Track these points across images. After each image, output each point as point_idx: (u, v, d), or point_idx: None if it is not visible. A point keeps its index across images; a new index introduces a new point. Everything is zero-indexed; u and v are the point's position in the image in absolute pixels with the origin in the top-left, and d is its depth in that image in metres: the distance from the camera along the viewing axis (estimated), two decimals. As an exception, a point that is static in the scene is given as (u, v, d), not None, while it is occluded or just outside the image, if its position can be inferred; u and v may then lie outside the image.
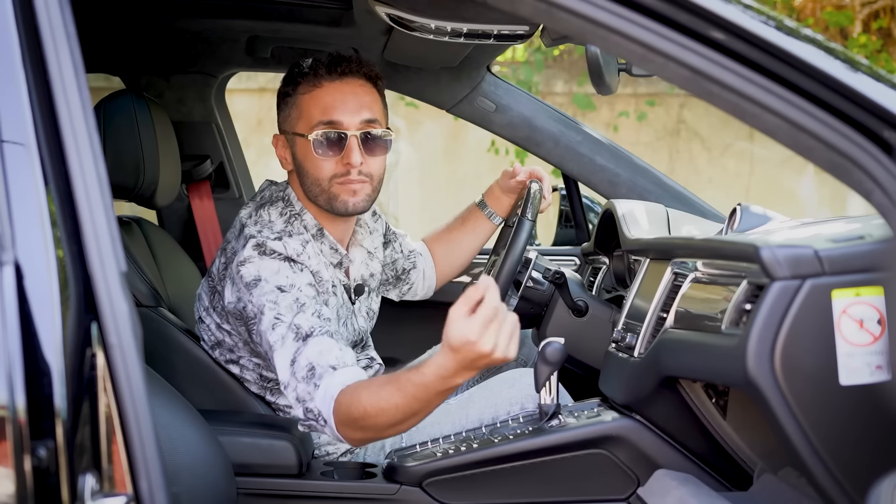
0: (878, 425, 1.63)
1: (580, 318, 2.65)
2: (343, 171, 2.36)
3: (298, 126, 2.39)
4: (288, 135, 2.43)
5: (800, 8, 7.99)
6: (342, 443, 2.29)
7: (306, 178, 2.40)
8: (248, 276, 2.28)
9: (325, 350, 2.16)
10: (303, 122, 2.38)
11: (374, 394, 2.03)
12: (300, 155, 2.40)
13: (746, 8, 1.48)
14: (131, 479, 1.32)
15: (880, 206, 1.42)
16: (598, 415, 2.34)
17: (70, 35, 1.39)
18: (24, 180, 1.35)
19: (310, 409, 2.14)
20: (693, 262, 2.11)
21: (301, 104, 2.39)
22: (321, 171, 2.37)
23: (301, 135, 2.38)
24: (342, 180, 2.37)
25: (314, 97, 2.37)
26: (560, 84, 7.90)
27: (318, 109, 2.36)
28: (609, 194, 3.09)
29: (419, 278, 2.90)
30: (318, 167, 2.37)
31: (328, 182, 2.37)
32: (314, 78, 2.38)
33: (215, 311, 2.41)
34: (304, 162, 2.39)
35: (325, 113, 2.36)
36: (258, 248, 2.30)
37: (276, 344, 2.20)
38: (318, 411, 2.12)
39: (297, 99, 2.40)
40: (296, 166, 2.42)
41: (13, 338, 1.29)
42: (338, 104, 2.37)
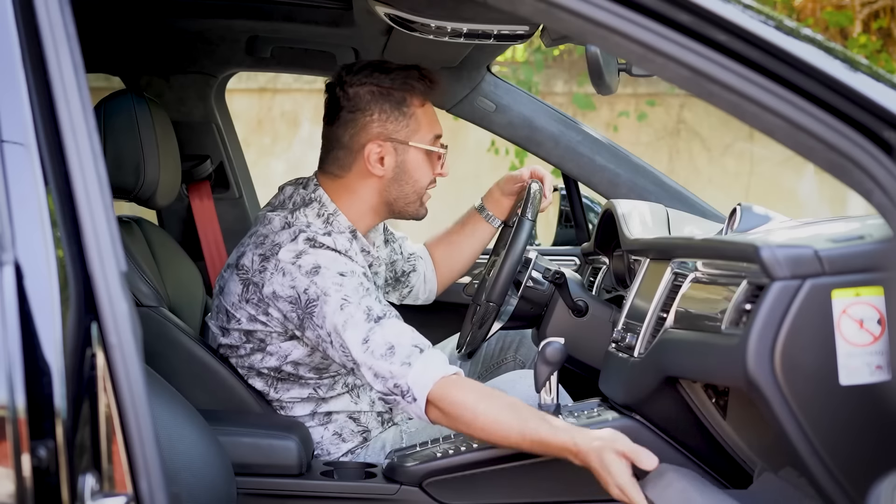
0: (878, 425, 1.63)
1: (580, 318, 2.65)
2: (433, 180, 2.55)
3: (416, 137, 2.49)
4: (400, 144, 2.48)
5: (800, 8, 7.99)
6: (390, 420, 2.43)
7: (409, 185, 2.51)
8: (306, 266, 2.32)
9: (401, 332, 2.28)
10: (420, 134, 2.50)
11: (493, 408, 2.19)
12: (411, 163, 2.49)
13: (746, 8, 1.48)
14: (131, 479, 1.32)
15: (880, 206, 1.42)
16: (598, 415, 2.34)
17: (70, 35, 1.39)
18: (24, 180, 1.35)
19: (397, 384, 2.23)
20: (693, 262, 2.11)
21: (418, 117, 2.50)
22: (426, 180, 2.53)
23: (426, 147, 2.50)
24: (430, 188, 2.55)
25: (426, 112, 2.52)
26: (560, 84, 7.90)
27: (430, 124, 2.52)
28: (609, 194, 3.09)
29: (419, 281, 2.90)
30: (427, 175, 2.52)
31: (424, 190, 2.54)
32: (421, 93, 2.50)
33: (249, 303, 2.39)
34: (414, 170, 2.50)
35: (433, 127, 2.54)
36: (309, 241, 2.35)
37: (346, 323, 2.26)
38: (409, 388, 2.23)
39: (413, 111, 2.49)
40: (397, 174, 2.49)
41: (13, 338, 1.29)
42: (437, 120, 2.56)
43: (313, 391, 2.48)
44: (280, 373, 2.45)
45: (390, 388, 2.24)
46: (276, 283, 2.33)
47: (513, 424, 2.16)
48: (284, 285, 2.33)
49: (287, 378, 2.47)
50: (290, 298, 2.32)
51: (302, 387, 2.48)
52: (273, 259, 2.35)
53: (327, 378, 2.48)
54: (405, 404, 2.25)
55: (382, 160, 2.47)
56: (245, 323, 2.42)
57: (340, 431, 2.50)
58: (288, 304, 2.33)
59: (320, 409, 2.50)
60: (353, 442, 2.51)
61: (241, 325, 2.43)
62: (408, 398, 2.23)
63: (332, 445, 2.50)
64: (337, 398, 2.51)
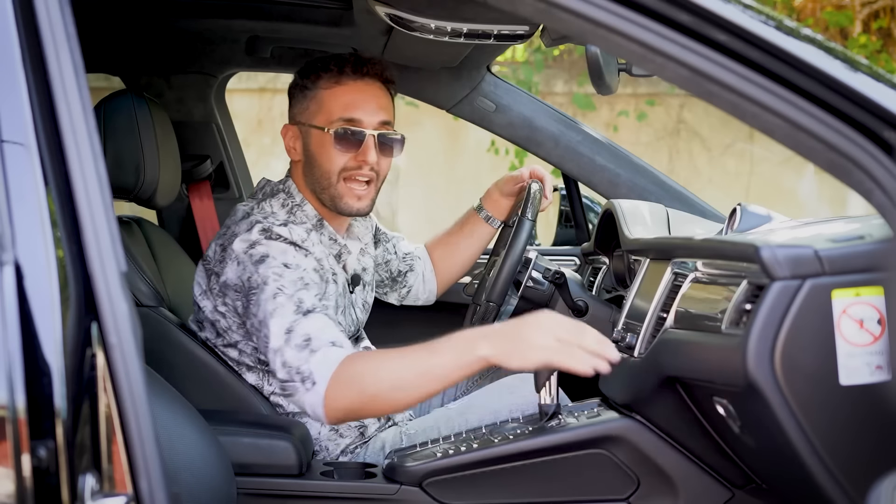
0: (878, 425, 1.63)
1: (580, 318, 2.65)
2: (354, 167, 2.43)
3: (317, 119, 2.45)
4: (303, 126, 2.48)
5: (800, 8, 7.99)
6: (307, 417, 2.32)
7: (317, 169, 2.45)
8: (256, 255, 2.31)
9: (324, 327, 2.20)
10: (322, 115, 2.44)
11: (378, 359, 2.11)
12: (314, 147, 2.45)
13: (746, 8, 1.48)
14: (131, 479, 1.32)
15: (880, 206, 1.42)
16: (598, 415, 2.34)
17: (70, 35, 1.39)
18: (24, 180, 1.35)
19: (299, 370, 2.14)
20: (693, 262, 2.11)
21: (321, 98, 2.45)
22: (333, 165, 2.43)
23: (319, 128, 2.44)
24: (350, 174, 2.43)
25: (335, 93, 2.44)
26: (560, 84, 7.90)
27: (338, 105, 2.43)
28: (609, 194, 3.09)
29: (418, 281, 2.90)
30: (332, 160, 2.43)
31: (337, 176, 2.43)
32: (337, 75, 2.44)
33: (212, 293, 2.42)
34: (318, 154, 2.45)
35: (346, 110, 2.43)
36: (264, 232, 2.34)
37: (275, 312, 2.23)
38: (310, 373, 2.12)
39: (316, 93, 2.46)
40: (306, 157, 2.48)
41: (13, 338, 1.29)
42: (359, 103, 2.44)
43: None
44: (266, 364, 2.46)
45: (291, 375, 2.15)
46: (230, 272, 2.35)
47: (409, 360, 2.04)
48: (235, 275, 2.34)
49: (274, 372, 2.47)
50: (237, 287, 2.34)
51: None
52: (229, 248, 2.37)
53: None
54: (302, 392, 2.13)
55: (295, 145, 2.50)
56: (209, 313, 2.45)
57: (337, 427, 2.51)
58: (235, 293, 2.35)
59: None
60: (349, 437, 2.51)
61: (206, 316, 2.46)
62: (307, 384, 2.12)
63: (329, 441, 2.50)
64: None
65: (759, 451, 1.96)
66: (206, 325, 2.48)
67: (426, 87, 3.21)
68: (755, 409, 1.76)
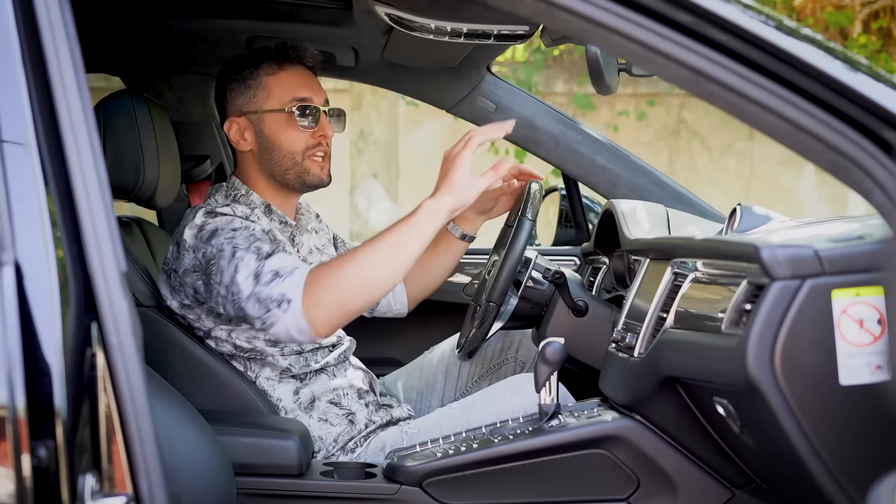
0: (878, 425, 1.63)
1: (580, 318, 2.65)
2: (314, 143, 2.54)
3: (268, 104, 2.54)
4: (253, 114, 2.55)
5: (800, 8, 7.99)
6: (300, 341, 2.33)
7: (277, 153, 2.54)
8: (205, 234, 2.38)
9: (289, 260, 2.29)
10: (273, 99, 2.54)
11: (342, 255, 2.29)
12: (270, 131, 2.54)
13: (746, 8, 1.48)
14: (131, 479, 1.32)
15: (880, 206, 1.42)
16: (598, 415, 2.34)
17: (70, 35, 1.39)
18: (24, 180, 1.35)
19: (273, 298, 2.24)
20: (693, 262, 2.11)
21: (268, 84, 2.55)
22: (296, 144, 2.54)
23: (277, 110, 2.52)
24: (313, 152, 2.54)
25: (280, 78, 2.55)
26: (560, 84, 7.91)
27: (287, 88, 2.54)
28: (609, 194, 3.09)
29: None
30: (294, 140, 2.53)
31: (301, 155, 2.53)
32: (275, 62, 2.56)
33: (175, 292, 2.47)
34: (277, 137, 2.54)
35: (295, 91, 2.54)
36: (208, 214, 2.42)
37: (238, 267, 2.29)
38: (281, 295, 2.23)
39: (261, 80, 2.55)
40: (261, 145, 2.55)
41: (13, 338, 1.29)
42: (304, 84, 2.56)
43: (287, 368, 2.52)
44: (244, 352, 2.49)
45: (268, 306, 2.24)
46: (186, 261, 2.40)
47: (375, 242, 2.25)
48: (191, 259, 2.39)
49: (254, 359, 2.51)
50: (195, 267, 2.38)
51: (273, 367, 2.51)
52: (181, 242, 2.43)
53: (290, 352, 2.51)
54: (281, 316, 2.23)
55: (244, 135, 2.56)
56: (179, 311, 2.48)
57: (325, 416, 2.52)
58: (194, 275, 2.39)
59: (302, 394, 2.52)
60: (340, 426, 2.53)
61: (179, 316, 2.49)
62: (283, 306, 2.23)
63: (321, 430, 2.51)
64: (314, 376, 2.54)
65: (759, 451, 1.96)
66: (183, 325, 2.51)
67: (426, 87, 3.21)
68: (755, 409, 1.76)
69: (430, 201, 2.27)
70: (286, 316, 2.22)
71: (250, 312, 2.27)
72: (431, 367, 2.88)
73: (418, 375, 2.89)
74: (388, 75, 3.21)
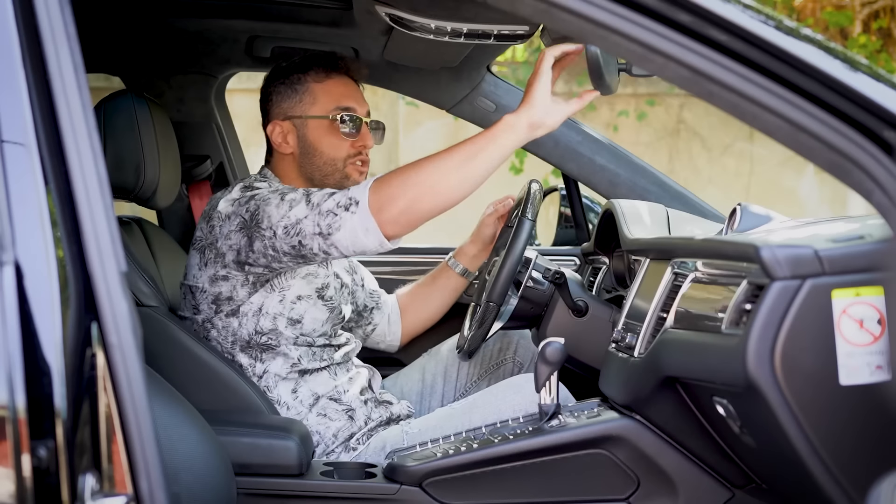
0: (878, 425, 1.63)
1: (580, 318, 2.65)
2: (355, 153, 2.59)
3: (313, 110, 2.59)
4: (297, 119, 2.59)
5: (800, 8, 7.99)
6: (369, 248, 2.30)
7: (318, 158, 2.58)
8: (244, 199, 2.41)
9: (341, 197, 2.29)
10: (318, 106, 2.59)
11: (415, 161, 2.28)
12: (313, 137, 2.58)
13: (746, 8, 1.48)
14: (131, 479, 1.32)
15: (880, 206, 1.42)
16: (598, 415, 2.34)
17: (70, 35, 1.39)
18: (24, 180, 1.35)
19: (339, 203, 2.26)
20: (693, 262, 2.11)
21: (314, 91, 2.60)
22: (338, 152, 2.58)
23: (321, 117, 2.57)
24: (353, 160, 2.58)
25: (327, 86, 2.60)
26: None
27: (332, 97, 2.60)
28: (609, 194, 3.09)
29: (384, 322, 2.94)
30: (336, 147, 2.58)
31: (343, 162, 2.58)
32: (326, 69, 2.60)
33: (209, 265, 2.47)
34: (319, 143, 2.58)
35: (340, 100, 2.59)
36: (245, 188, 2.47)
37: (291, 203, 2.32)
38: (348, 198, 2.26)
39: (308, 86, 2.60)
40: (303, 148, 2.59)
41: (13, 338, 1.29)
42: (350, 93, 2.62)
43: (297, 361, 2.52)
44: (261, 337, 2.49)
45: (333, 213, 2.26)
46: (226, 229, 2.42)
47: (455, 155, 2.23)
48: (232, 224, 2.41)
49: (267, 347, 2.50)
50: (239, 226, 2.40)
51: (285, 357, 2.51)
52: (216, 216, 2.45)
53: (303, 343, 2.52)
54: (349, 218, 2.24)
55: (287, 138, 2.60)
56: (209, 287, 2.48)
57: (324, 412, 2.53)
58: (238, 234, 2.40)
59: (301, 392, 2.52)
60: (339, 421, 2.53)
61: (206, 293, 2.49)
62: (351, 209, 2.25)
63: (319, 426, 2.52)
64: (316, 374, 2.54)
65: (759, 451, 1.96)
66: (202, 307, 2.51)
67: (426, 87, 3.20)
68: (755, 409, 1.76)
69: (509, 116, 2.23)
70: (354, 217, 2.25)
71: (309, 230, 2.28)
72: (431, 369, 2.89)
73: (418, 377, 2.89)
74: (388, 75, 3.21)
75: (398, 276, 3.27)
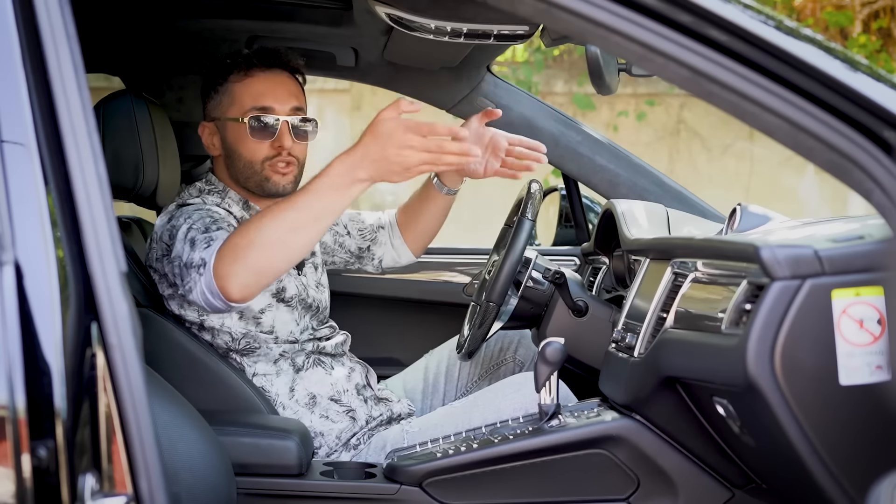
0: (878, 425, 1.63)
1: (580, 318, 2.65)
2: (274, 154, 2.51)
3: (231, 111, 2.54)
4: (219, 121, 2.56)
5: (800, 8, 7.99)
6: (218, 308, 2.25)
7: (238, 161, 2.54)
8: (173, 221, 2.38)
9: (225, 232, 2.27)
10: (235, 107, 2.53)
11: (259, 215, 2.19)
12: (231, 139, 2.54)
13: (746, 8, 1.48)
14: (131, 479, 1.32)
15: (880, 206, 1.42)
16: (598, 415, 2.34)
17: (70, 35, 1.39)
18: (24, 180, 1.35)
19: (193, 261, 2.23)
20: (693, 262, 2.11)
21: (233, 91, 2.54)
22: (254, 154, 2.52)
23: (234, 119, 2.52)
24: (273, 162, 2.51)
25: (245, 85, 2.53)
26: (560, 84, 7.91)
27: (250, 96, 2.52)
28: (609, 194, 3.09)
29: (387, 250, 2.88)
30: (252, 150, 2.52)
31: (260, 165, 2.52)
32: (245, 68, 2.53)
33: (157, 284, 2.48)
34: (237, 146, 2.53)
35: (257, 99, 2.51)
36: (179, 207, 2.44)
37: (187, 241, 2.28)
38: (201, 259, 2.21)
39: (227, 87, 2.55)
40: (225, 151, 2.56)
41: (13, 338, 1.29)
42: (269, 91, 2.52)
43: (284, 358, 2.53)
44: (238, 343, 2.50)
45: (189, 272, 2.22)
46: (158, 250, 2.42)
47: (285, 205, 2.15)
48: (160, 246, 2.41)
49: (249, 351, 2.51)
50: (164, 252, 2.39)
51: (270, 357, 2.52)
52: (153, 235, 2.46)
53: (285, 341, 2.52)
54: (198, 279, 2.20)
55: (213, 140, 2.58)
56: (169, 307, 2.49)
57: (326, 413, 2.53)
58: (164, 260, 2.40)
59: (298, 390, 2.52)
60: (342, 422, 2.53)
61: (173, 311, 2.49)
62: (200, 270, 2.20)
63: (323, 427, 2.52)
64: (311, 370, 2.55)
65: (759, 451, 1.96)
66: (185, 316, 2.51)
67: (426, 87, 3.20)
68: (755, 409, 1.76)
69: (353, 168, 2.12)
70: (201, 280, 2.20)
71: (184, 280, 2.26)
72: (433, 368, 2.89)
73: (421, 376, 2.89)
74: (388, 75, 3.21)
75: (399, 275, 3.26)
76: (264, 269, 2.16)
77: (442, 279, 3.40)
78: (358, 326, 2.95)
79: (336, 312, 2.79)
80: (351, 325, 2.85)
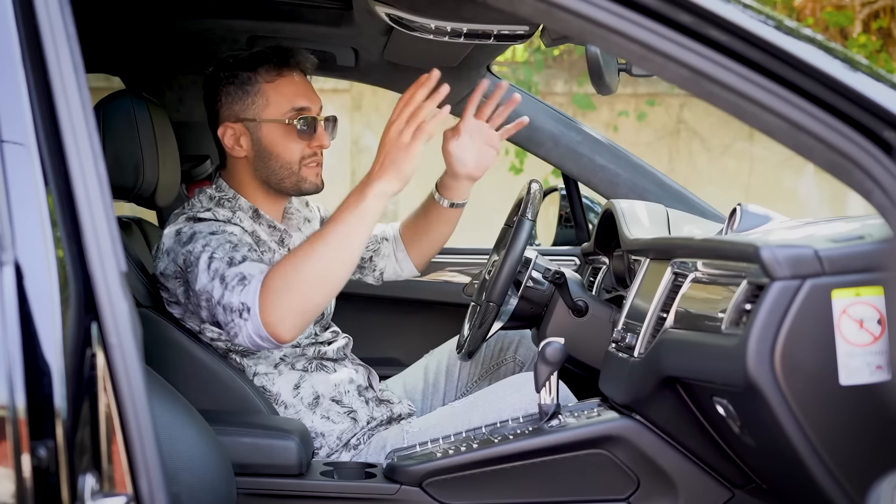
0: (878, 425, 1.63)
1: (580, 318, 2.65)
2: (311, 154, 2.52)
3: (267, 112, 2.51)
4: (250, 122, 2.52)
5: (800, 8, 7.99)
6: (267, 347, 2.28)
7: (274, 161, 2.52)
8: (184, 237, 2.37)
9: (257, 265, 2.26)
10: (272, 108, 2.51)
11: (293, 253, 2.22)
12: (269, 140, 2.51)
13: (746, 8, 1.48)
14: (131, 479, 1.32)
15: (880, 206, 1.42)
16: (598, 415, 2.34)
17: (70, 35, 1.39)
18: (24, 180, 1.35)
19: (232, 305, 2.21)
20: (693, 262, 2.11)
21: (266, 92, 2.51)
22: (293, 154, 2.51)
23: (275, 120, 2.50)
24: (308, 161, 2.52)
25: (279, 86, 2.51)
26: (560, 84, 7.91)
27: (286, 97, 2.51)
28: (609, 194, 3.09)
29: (389, 262, 2.88)
30: (291, 150, 2.51)
31: (298, 164, 2.52)
32: (277, 67, 2.52)
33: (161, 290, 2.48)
34: (275, 147, 2.51)
35: (294, 100, 2.51)
36: (189, 220, 2.41)
37: (211, 273, 2.27)
38: (241, 303, 2.20)
39: (260, 87, 2.51)
40: (257, 152, 2.53)
41: (13, 338, 1.29)
42: (302, 92, 2.53)
43: (282, 358, 2.53)
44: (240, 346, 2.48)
45: (231, 316, 2.22)
46: (165, 265, 2.40)
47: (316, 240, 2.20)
48: (169, 263, 2.39)
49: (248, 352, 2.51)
50: (175, 274, 2.38)
51: (266, 361, 2.52)
52: (160, 245, 2.44)
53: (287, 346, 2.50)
54: (243, 325, 2.20)
55: (240, 142, 2.54)
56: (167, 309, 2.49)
57: (327, 414, 2.53)
58: (175, 281, 2.39)
59: (302, 389, 2.53)
60: (343, 423, 2.53)
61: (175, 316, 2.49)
62: (244, 315, 2.19)
63: (324, 427, 2.52)
64: (314, 372, 2.55)
65: (759, 451, 1.96)
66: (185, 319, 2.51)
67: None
68: (755, 409, 1.76)
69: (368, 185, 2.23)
70: (248, 325, 2.20)
71: (220, 319, 2.26)
72: (433, 369, 2.89)
73: (421, 376, 2.89)
74: (388, 75, 3.21)
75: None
76: (309, 308, 2.20)
77: (442, 279, 3.40)
78: (358, 327, 2.96)
79: (336, 312, 2.79)
80: (351, 326, 2.85)
